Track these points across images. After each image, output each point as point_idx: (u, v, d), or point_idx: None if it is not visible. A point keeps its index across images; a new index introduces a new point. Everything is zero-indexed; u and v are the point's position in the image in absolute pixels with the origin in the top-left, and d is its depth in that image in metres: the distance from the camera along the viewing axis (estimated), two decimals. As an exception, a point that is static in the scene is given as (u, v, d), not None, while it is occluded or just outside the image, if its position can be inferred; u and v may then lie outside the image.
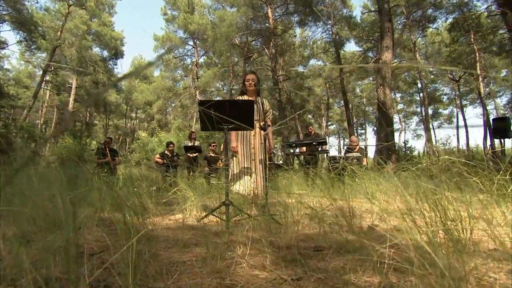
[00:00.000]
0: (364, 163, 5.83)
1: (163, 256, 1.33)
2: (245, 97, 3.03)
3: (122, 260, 1.12)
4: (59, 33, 20.80)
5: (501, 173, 2.18)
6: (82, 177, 3.02)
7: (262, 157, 3.01)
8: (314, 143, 6.13)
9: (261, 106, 3.02)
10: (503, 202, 2.27)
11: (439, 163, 2.79)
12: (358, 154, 5.88)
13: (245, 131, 2.98)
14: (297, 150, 6.57)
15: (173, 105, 33.53)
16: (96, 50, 29.26)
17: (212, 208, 2.81)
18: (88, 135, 20.11)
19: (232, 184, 2.89)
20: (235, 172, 2.98)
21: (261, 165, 2.98)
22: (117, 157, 6.68)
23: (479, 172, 2.87)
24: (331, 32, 24.27)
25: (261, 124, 3.00)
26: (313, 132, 7.40)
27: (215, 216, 2.36)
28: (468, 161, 1.76)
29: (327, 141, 6.43)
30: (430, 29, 25.12)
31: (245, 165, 2.96)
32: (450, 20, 21.72)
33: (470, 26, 20.29)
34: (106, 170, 5.16)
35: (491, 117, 27.46)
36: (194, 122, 29.40)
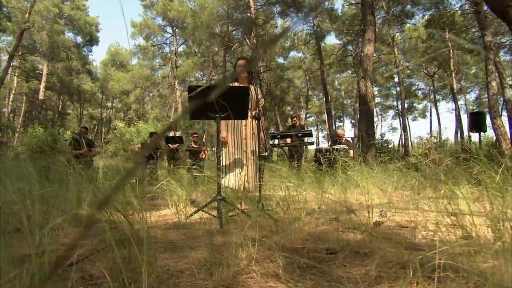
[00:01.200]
0: (351, 154, 5.79)
1: (155, 264, 1.14)
2: (236, 84, 2.83)
3: (108, 270, 0.92)
4: (27, 15, 19.46)
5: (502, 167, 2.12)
6: (55, 170, 2.74)
7: (254, 148, 2.83)
8: (299, 134, 6.02)
9: (254, 94, 2.83)
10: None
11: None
12: (345, 146, 5.83)
13: (235, 121, 2.79)
14: (277, 141, 6.38)
15: (151, 94, 32.60)
16: (69, 35, 27.81)
17: (200, 203, 2.63)
18: (61, 125, 19.15)
19: (222, 177, 2.69)
20: (224, 164, 2.78)
21: (253, 157, 2.80)
22: (94, 148, 6.30)
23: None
24: (312, 24, 24.20)
25: (253, 113, 2.81)
26: (297, 124, 7.26)
27: (205, 212, 2.17)
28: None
29: (312, 133, 6.33)
30: (408, 25, 25.58)
31: (236, 157, 2.77)
32: (427, 16, 22.20)
33: (445, 24, 20.84)
34: (84, 162, 4.82)
35: (462, 112, 28.49)
36: (172, 112, 28.72)
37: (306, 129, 6.87)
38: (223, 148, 2.78)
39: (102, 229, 1.60)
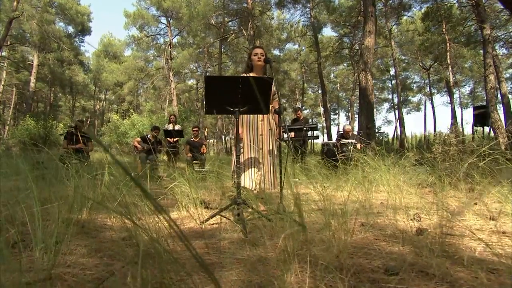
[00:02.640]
0: (359, 148, 5.64)
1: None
2: (252, 75, 2.60)
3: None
4: (15, 3, 18.79)
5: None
6: (51, 167, 2.51)
7: (271, 147, 2.61)
8: (304, 128, 5.83)
9: (273, 86, 2.60)
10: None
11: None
12: (354, 141, 5.67)
13: (251, 115, 2.57)
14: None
15: (145, 86, 32.05)
16: (60, 25, 27.05)
17: (212, 204, 2.44)
18: (53, 118, 18.62)
19: (241, 176, 2.47)
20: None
21: (269, 156, 2.59)
22: (90, 142, 6.01)
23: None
24: (309, 16, 23.85)
25: (270, 107, 2.60)
26: (302, 117, 7.07)
27: (222, 216, 1.96)
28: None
29: (318, 127, 6.15)
30: (405, 17, 25.42)
31: (252, 155, 2.55)
32: (424, 9, 22.04)
33: (442, 16, 20.72)
34: (81, 157, 4.57)
35: (456, 106, 28.53)
36: (167, 104, 28.30)
37: (311, 122, 6.67)
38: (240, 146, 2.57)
39: (111, 240, 1.39)
